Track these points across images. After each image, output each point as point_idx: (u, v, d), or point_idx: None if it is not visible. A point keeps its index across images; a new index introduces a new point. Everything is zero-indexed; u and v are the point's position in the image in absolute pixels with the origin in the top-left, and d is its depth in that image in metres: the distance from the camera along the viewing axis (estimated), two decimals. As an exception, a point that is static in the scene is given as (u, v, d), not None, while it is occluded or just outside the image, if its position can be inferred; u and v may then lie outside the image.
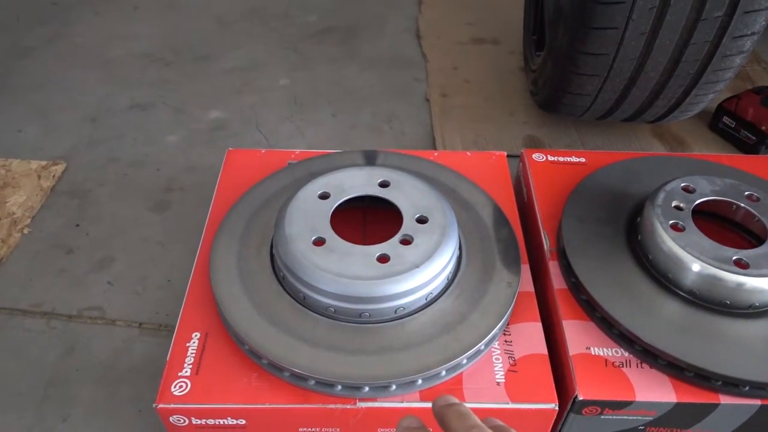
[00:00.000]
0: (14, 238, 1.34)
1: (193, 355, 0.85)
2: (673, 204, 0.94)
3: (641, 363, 0.85)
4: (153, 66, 1.90)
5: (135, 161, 1.55)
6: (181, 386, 0.82)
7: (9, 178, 1.47)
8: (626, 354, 0.86)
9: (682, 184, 0.98)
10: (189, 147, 1.60)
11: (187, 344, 0.87)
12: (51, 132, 1.64)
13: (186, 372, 0.83)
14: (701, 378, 0.82)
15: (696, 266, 0.86)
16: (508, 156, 1.19)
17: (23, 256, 1.31)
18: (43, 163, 1.52)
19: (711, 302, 0.87)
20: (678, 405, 0.81)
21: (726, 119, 1.57)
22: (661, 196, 0.95)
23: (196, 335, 0.88)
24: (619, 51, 1.22)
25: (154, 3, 2.21)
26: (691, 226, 0.91)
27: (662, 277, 0.91)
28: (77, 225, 1.38)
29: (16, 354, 1.13)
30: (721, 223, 1.03)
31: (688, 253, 0.87)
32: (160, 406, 0.80)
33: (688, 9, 1.14)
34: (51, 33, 2.03)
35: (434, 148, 1.58)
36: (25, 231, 1.36)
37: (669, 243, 0.89)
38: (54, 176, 1.49)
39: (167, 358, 0.85)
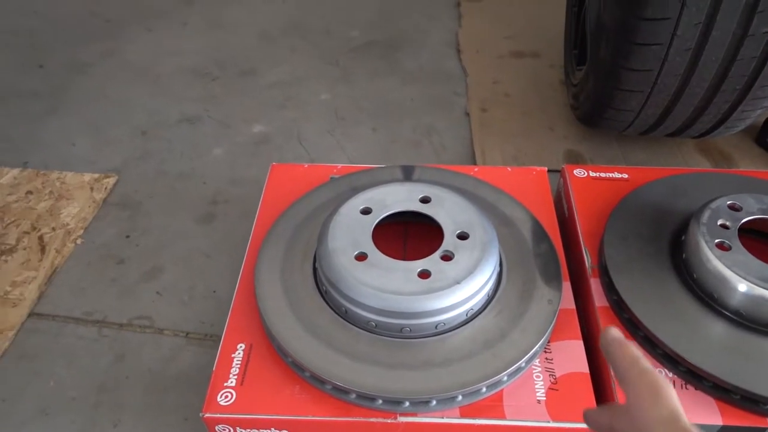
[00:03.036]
0: (68, 248, 1.39)
1: (239, 365, 0.88)
2: (719, 222, 0.93)
3: (686, 384, 0.84)
4: (200, 81, 1.96)
5: (183, 174, 1.60)
6: (226, 396, 0.84)
7: (63, 191, 1.54)
8: (670, 374, 0.85)
9: (729, 202, 0.96)
10: (234, 160, 1.65)
11: (233, 355, 0.89)
12: (103, 146, 1.71)
13: (231, 382, 0.86)
14: (748, 401, 0.80)
15: (742, 286, 0.85)
16: (548, 171, 1.19)
17: (76, 266, 1.36)
18: (96, 175, 1.59)
19: (758, 323, 0.86)
20: (724, 428, 0.80)
21: (774, 134, 1.53)
22: (707, 214, 0.94)
23: (241, 346, 0.90)
24: (664, 66, 1.21)
25: (202, 20, 2.28)
26: (737, 245, 0.90)
27: (707, 296, 0.89)
28: (128, 236, 1.43)
29: (69, 360, 1.17)
30: (768, 243, 1.02)
31: (735, 273, 0.85)
32: (207, 415, 0.83)
33: (734, 25, 1.12)
34: (105, 49, 2.12)
35: (474, 162, 1.59)
36: (78, 241, 1.42)
37: (714, 262, 0.87)
38: (106, 188, 1.55)
39: (213, 369, 0.87)
